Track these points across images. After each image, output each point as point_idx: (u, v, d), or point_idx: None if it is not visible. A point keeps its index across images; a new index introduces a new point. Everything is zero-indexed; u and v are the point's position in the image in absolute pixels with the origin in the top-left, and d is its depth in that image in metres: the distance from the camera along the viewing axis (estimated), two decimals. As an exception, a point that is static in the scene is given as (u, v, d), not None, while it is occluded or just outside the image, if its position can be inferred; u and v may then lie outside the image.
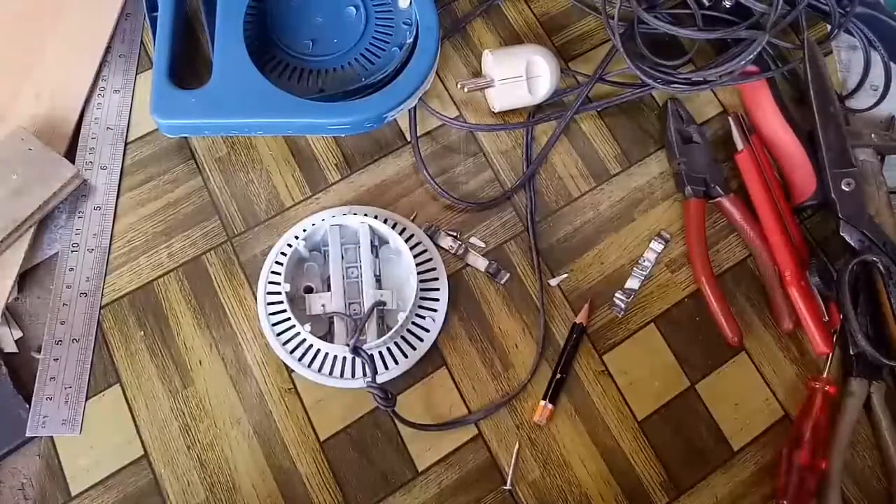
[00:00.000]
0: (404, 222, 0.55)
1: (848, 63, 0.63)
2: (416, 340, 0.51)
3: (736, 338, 0.52)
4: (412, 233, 0.54)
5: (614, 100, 0.58)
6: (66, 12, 0.59)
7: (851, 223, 0.52)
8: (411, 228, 0.54)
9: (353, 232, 0.52)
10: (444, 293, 0.52)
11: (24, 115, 0.56)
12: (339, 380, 0.50)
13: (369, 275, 0.50)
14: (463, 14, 0.62)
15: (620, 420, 0.51)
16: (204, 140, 0.57)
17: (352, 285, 0.51)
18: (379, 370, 0.50)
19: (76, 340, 0.51)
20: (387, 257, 0.53)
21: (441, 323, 0.52)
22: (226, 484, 0.49)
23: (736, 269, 0.55)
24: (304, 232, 0.51)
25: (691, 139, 0.57)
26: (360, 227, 0.51)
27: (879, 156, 0.56)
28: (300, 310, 0.50)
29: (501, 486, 0.49)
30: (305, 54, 0.57)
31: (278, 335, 0.51)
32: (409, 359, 0.51)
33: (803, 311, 0.52)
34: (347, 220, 0.52)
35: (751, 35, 0.53)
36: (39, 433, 0.49)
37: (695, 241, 0.54)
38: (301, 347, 0.51)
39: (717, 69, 0.55)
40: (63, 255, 0.53)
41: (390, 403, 0.47)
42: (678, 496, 0.50)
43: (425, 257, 0.53)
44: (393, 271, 0.53)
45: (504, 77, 0.55)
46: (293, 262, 0.51)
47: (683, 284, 0.54)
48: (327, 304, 0.50)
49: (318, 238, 0.52)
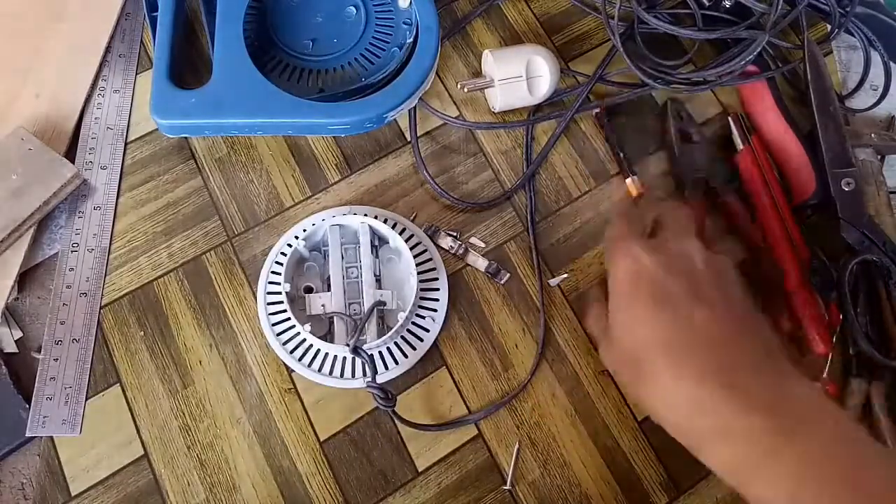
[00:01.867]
0: (404, 222, 0.55)
1: (848, 63, 0.63)
2: (416, 340, 0.51)
3: None
4: (412, 233, 0.54)
5: (616, 98, 0.58)
6: (66, 12, 0.59)
7: (851, 223, 0.52)
8: (411, 228, 0.54)
9: (352, 232, 0.52)
10: (444, 293, 0.52)
11: (24, 115, 0.56)
12: (339, 380, 0.50)
13: (369, 275, 0.50)
14: (463, 14, 0.62)
15: (620, 420, 0.51)
16: (204, 140, 0.57)
17: (352, 285, 0.51)
18: (379, 370, 0.50)
19: (76, 340, 0.51)
20: (387, 257, 0.53)
21: (441, 322, 0.52)
22: (226, 484, 0.49)
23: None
24: (304, 232, 0.51)
25: (692, 139, 0.57)
26: (360, 226, 0.51)
27: (879, 156, 0.56)
28: (300, 310, 0.50)
29: (501, 486, 0.49)
30: (305, 54, 0.57)
31: (278, 335, 0.51)
32: (409, 358, 0.51)
33: (803, 311, 0.52)
34: (347, 220, 0.52)
35: (751, 35, 0.53)
36: (39, 433, 0.49)
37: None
38: (301, 347, 0.51)
39: (717, 69, 0.55)
40: (63, 255, 0.53)
41: (390, 403, 0.47)
42: (678, 496, 0.50)
43: (425, 257, 0.53)
44: (393, 271, 0.53)
45: (504, 77, 0.55)
46: (293, 263, 0.51)
47: (683, 284, 0.54)
48: (327, 304, 0.50)
49: (317, 238, 0.52)
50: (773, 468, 0.36)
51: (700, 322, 0.39)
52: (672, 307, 0.40)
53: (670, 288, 0.41)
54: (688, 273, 0.42)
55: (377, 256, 0.52)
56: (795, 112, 0.57)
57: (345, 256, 0.51)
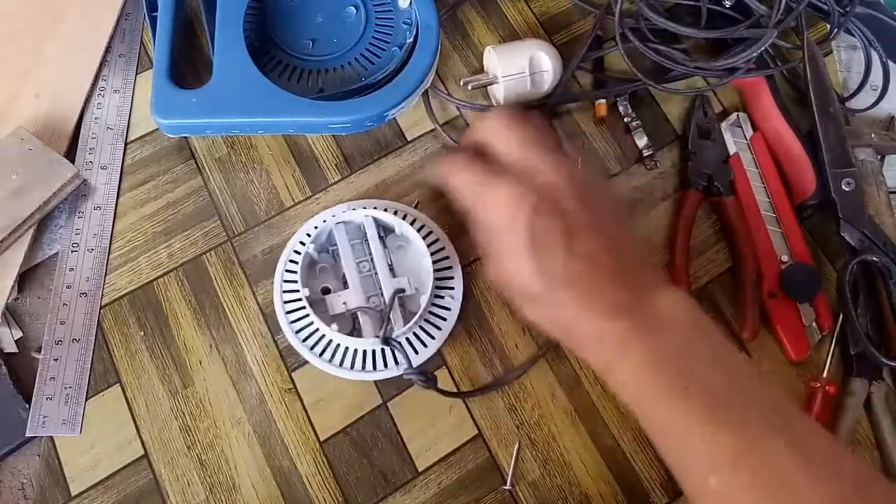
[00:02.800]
0: (405, 209, 0.55)
1: (848, 63, 0.63)
2: (440, 321, 0.52)
3: None
4: (415, 217, 0.54)
5: (612, 89, 0.58)
6: (66, 12, 0.59)
7: (851, 223, 0.52)
8: (413, 213, 0.55)
9: (355, 227, 0.52)
10: (458, 270, 0.53)
11: (24, 115, 0.56)
12: (374, 372, 0.50)
13: (383, 265, 0.51)
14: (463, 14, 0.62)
15: (620, 420, 0.51)
16: (204, 140, 0.57)
17: (366, 279, 0.51)
18: (419, 351, 0.51)
19: (76, 340, 0.51)
20: (395, 245, 0.53)
21: (460, 299, 0.52)
22: (226, 484, 0.49)
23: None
24: (309, 237, 0.51)
25: (709, 136, 0.57)
26: (365, 220, 0.51)
27: (879, 156, 0.56)
28: (322, 312, 0.50)
29: (501, 486, 0.49)
30: (305, 54, 0.57)
31: (304, 341, 0.51)
32: (436, 340, 0.51)
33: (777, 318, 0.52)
34: (351, 215, 0.52)
35: (753, 34, 0.53)
36: (39, 433, 0.49)
37: (680, 228, 0.54)
38: (329, 349, 0.51)
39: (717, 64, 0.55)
40: (63, 255, 0.53)
41: (432, 382, 0.48)
42: (678, 496, 0.50)
43: (432, 238, 0.53)
44: (404, 258, 0.53)
45: (507, 73, 0.55)
46: (305, 266, 0.51)
47: (683, 284, 0.55)
48: (348, 301, 0.50)
49: (323, 239, 0.52)
50: (623, 368, 0.39)
51: (580, 249, 0.39)
52: (550, 238, 0.39)
53: (546, 220, 0.39)
54: (557, 195, 0.40)
55: (385, 247, 0.52)
56: (795, 112, 0.57)
57: (354, 252, 0.52)
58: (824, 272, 0.55)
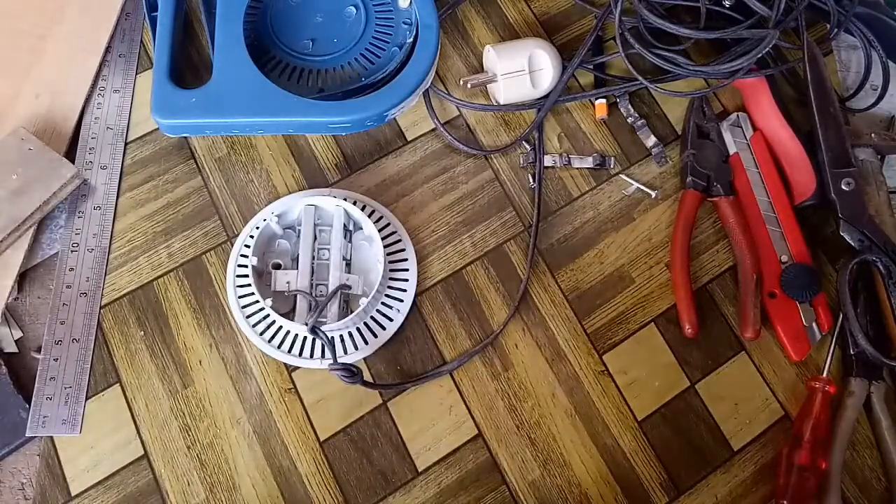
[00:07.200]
0: (382, 210, 0.55)
1: (848, 63, 0.63)
2: (380, 329, 0.52)
3: (691, 328, 0.52)
4: (388, 221, 0.54)
5: (613, 88, 0.58)
6: (66, 12, 0.59)
7: (851, 223, 0.52)
8: (388, 217, 0.55)
9: (330, 215, 0.52)
10: (413, 284, 0.53)
11: (24, 115, 0.56)
12: (298, 359, 0.50)
13: (338, 257, 0.50)
14: (463, 14, 0.62)
15: (620, 420, 0.51)
16: (204, 140, 0.57)
17: (321, 266, 0.51)
18: (348, 350, 0.51)
19: (76, 340, 0.51)
20: (359, 242, 0.53)
21: (407, 312, 0.52)
22: (226, 484, 0.49)
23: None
24: (276, 211, 0.51)
25: (708, 136, 0.57)
26: (336, 209, 0.51)
27: (879, 156, 0.56)
28: (266, 285, 0.50)
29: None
30: (305, 54, 0.57)
31: (243, 307, 0.51)
32: (369, 346, 0.51)
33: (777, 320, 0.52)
34: (322, 201, 0.52)
35: (753, 34, 0.53)
36: (39, 433, 0.49)
37: (680, 228, 0.54)
38: (263, 323, 0.51)
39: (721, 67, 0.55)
40: (63, 255, 0.53)
41: (356, 379, 0.47)
42: (678, 496, 0.50)
43: (398, 247, 0.53)
44: (363, 257, 0.53)
45: (507, 72, 0.55)
46: (265, 238, 0.51)
47: (683, 284, 0.55)
48: (292, 281, 0.50)
49: (293, 217, 0.52)
50: None
51: None
52: None
53: None
54: None
55: (350, 241, 0.52)
56: (795, 112, 0.57)
57: (318, 237, 0.52)
58: (824, 272, 0.55)
